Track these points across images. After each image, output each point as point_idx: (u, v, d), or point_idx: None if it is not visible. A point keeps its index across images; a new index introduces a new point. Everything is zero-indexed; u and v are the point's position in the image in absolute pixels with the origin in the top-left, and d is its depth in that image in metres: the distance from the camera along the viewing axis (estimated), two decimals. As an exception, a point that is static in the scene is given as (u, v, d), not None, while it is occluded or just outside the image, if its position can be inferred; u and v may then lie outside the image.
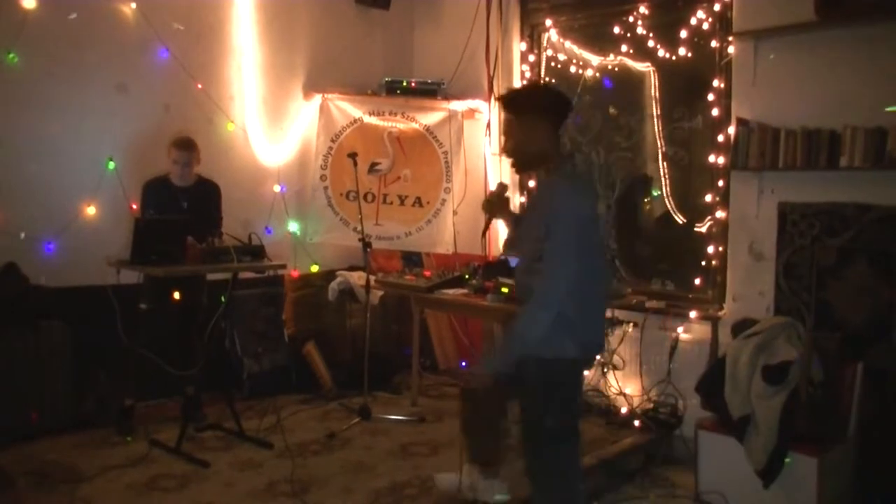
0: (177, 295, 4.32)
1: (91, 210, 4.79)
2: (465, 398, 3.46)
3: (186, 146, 4.57)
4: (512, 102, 3.06)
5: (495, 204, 3.30)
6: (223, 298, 4.45)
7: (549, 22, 5.45)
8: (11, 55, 4.43)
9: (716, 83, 4.54)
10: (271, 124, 5.71)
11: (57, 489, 3.69)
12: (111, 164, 4.85)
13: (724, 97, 4.51)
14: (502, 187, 3.38)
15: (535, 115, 2.96)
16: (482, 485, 3.53)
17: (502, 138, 3.07)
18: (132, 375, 4.47)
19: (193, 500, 3.63)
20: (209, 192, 4.73)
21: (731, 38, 4.41)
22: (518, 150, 3.02)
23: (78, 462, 4.01)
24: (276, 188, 5.71)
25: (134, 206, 4.78)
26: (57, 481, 3.77)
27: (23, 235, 4.49)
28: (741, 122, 4.29)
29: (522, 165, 3.11)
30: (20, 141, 4.56)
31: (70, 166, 4.74)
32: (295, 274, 5.75)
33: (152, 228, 4.14)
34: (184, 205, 4.51)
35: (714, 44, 4.55)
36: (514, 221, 3.32)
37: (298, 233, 5.83)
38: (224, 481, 3.85)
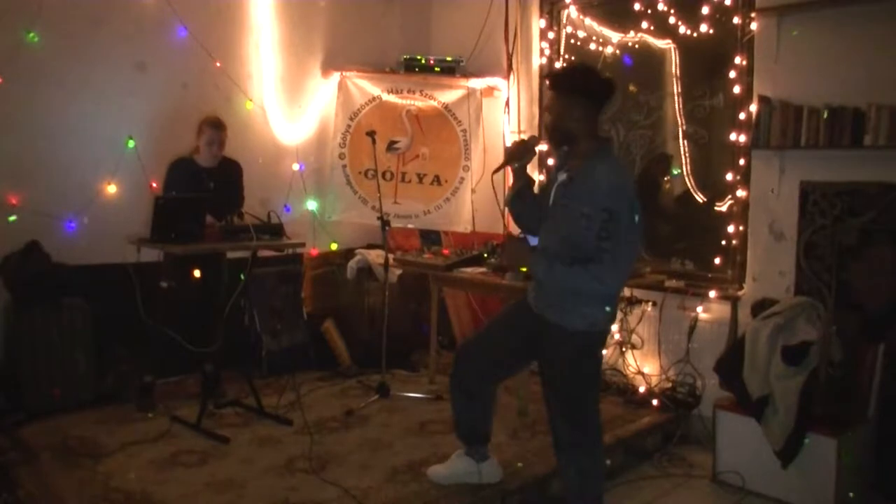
0: (197, 273, 4.35)
1: (111, 189, 4.83)
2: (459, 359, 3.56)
3: (221, 126, 4.60)
4: (556, 80, 3.22)
5: (522, 153, 3.34)
6: (242, 276, 4.48)
7: (568, -2, 5.39)
8: (32, 35, 4.45)
9: (737, 60, 4.48)
10: (290, 102, 5.71)
11: (80, 463, 3.74)
12: (131, 143, 4.88)
13: (746, 74, 4.44)
14: (534, 140, 3.43)
15: (575, 96, 3.10)
16: (474, 468, 3.58)
17: (545, 114, 3.19)
18: (151, 352, 4.52)
19: (213, 475, 3.67)
20: (232, 171, 4.75)
21: (753, 15, 4.35)
22: (554, 126, 3.16)
23: (100, 437, 4.06)
24: (295, 166, 5.73)
25: (154, 185, 4.82)
26: (80, 456, 3.82)
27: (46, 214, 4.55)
28: (763, 100, 4.24)
29: (556, 142, 3.24)
30: (41, 120, 4.59)
31: (90, 145, 4.76)
32: (314, 252, 5.77)
33: (172, 207, 4.15)
34: (210, 185, 4.53)
35: (736, 20, 4.48)
36: (523, 192, 3.36)
37: (317, 211, 5.84)
38: (243, 457, 3.90)
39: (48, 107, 4.60)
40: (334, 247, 5.92)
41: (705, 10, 4.62)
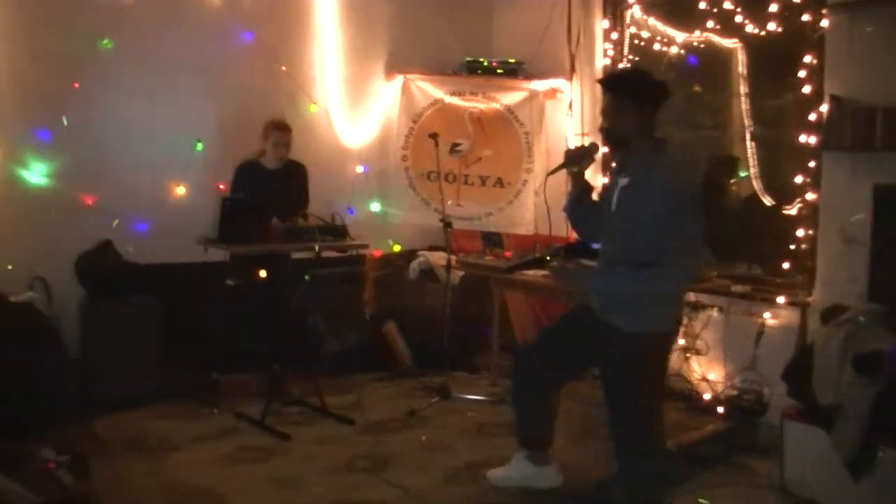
0: (263, 272, 4.43)
1: (180, 190, 4.96)
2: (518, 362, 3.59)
3: (286, 128, 4.72)
4: (608, 83, 3.29)
5: (581, 158, 3.35)
6: (306, 277, 4.55)
7: (632, -2, 5.33)
8: (105, 41, 4.60)
9: (807, 59, 4.34)
10: (353, 105, 5.78)
11: (149, 457, 3.86)
12: (199, 146, 5.00)
13: (816, 73, 4.31)
14: (594, 146, 3.42)
15: (628, 98, 3.10)
16: (533, 471, 3.56)
17: (601, 116, 3.27)
18: (217, 350, 4.61)
19: (276, 471, 3.74)
20: (297, 173, 4.83)
21: (824, 11, 4.22)
22: (607, 128, 3.19)
23: (167, 432, 4.18)
24: (359, 168, 5.79)
25: (221, 187, 4.93)
26: (149, 449, 3.95)
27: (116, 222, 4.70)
28: (834, 100, 4.11)
29: (611, 144, 3.26)
30: (114, 124, 4.75)
31: (160, 148, 4.91)
32: (377, 253, 5.82)
33: (239, 208, 4.24)
34: (275, 186, 4.61)
35: (806, 17, 4.35)
36: (580, 197, 3.37)
37: (380, 213, 5.89)
38: (305, 455, 3.96)
39: (121, 111, 4.76)
40: (397, 248, 5.97)
41: (773, 7, 4.50)
